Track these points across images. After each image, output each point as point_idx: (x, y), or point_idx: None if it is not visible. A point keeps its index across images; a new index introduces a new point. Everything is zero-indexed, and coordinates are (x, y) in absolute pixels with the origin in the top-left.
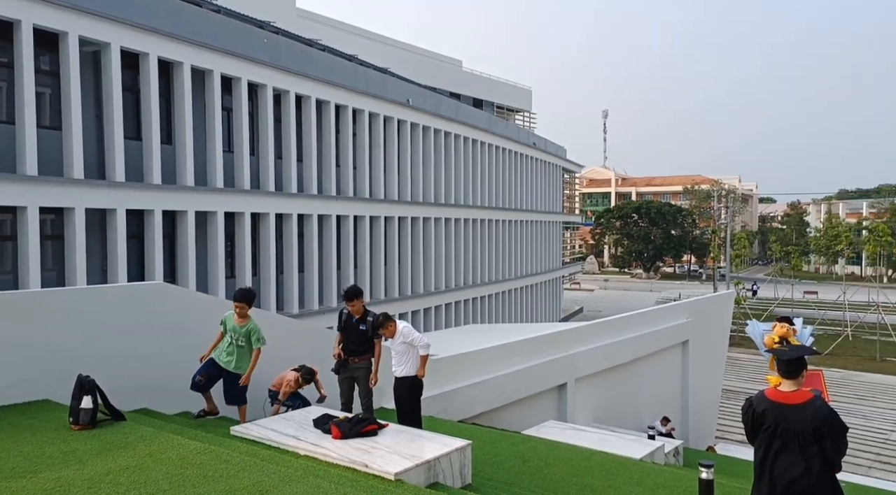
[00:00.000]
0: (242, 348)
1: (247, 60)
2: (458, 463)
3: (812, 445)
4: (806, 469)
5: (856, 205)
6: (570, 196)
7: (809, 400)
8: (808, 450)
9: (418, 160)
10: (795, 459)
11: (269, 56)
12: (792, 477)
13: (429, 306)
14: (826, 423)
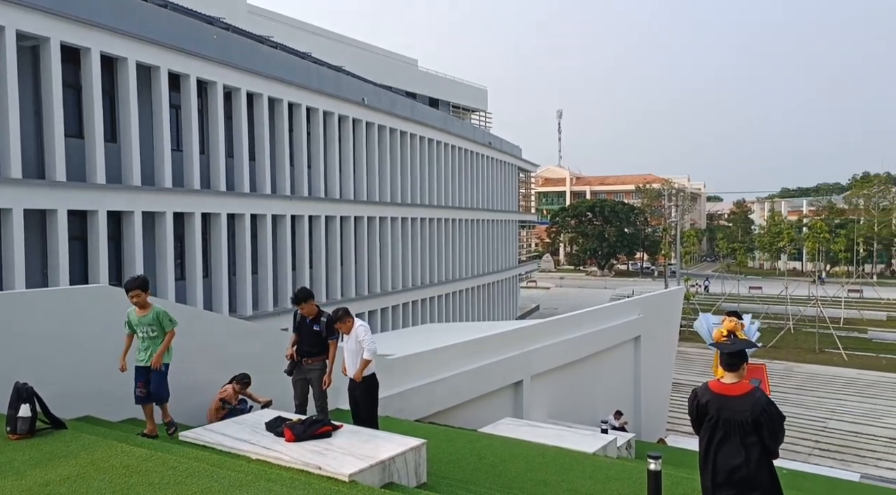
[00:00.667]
0: (157, 339)
1: (195, 57)
2: (414, 463)
3: (752, 435)
4: (746, 458)
5: (797, 203)
6: (526, 195)
7: (749, 391)
8: (748, 440)
9: (374, 159)
10: (736, 449)
11: (218, 52)
12: (733, 466)
13: (386, 306)
14: (764, 413)
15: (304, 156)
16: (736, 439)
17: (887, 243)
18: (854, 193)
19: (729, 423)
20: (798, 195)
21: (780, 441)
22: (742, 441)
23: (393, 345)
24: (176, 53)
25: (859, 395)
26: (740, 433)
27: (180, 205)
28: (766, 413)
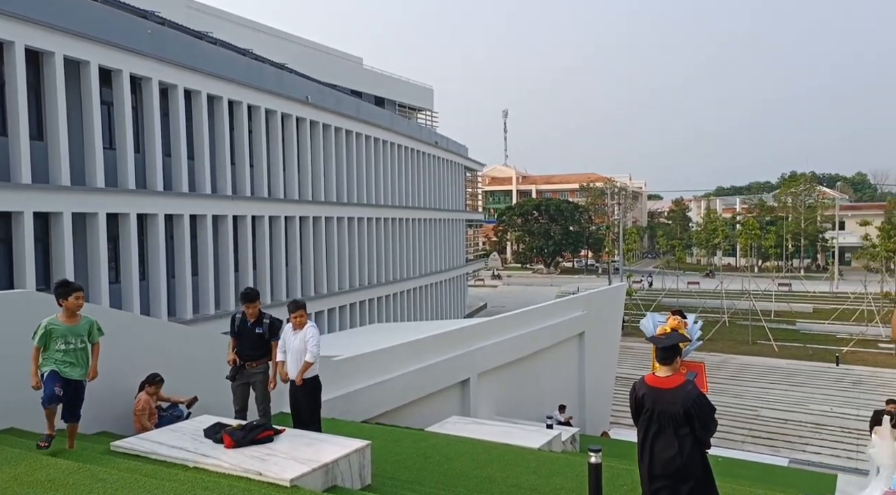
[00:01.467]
0: (85, 350)
1: (128, 52)
2: (358, 465)
3: (684, 426)
4: (679, 449)
5: (731, 201)
6: (473, 194)
7: (681, 384)
8: (681, 432)
9: (319, 158)
10: (670, 441)
11: (153, 48)
12: (667, 458)
13: (332, 307)
14: (695, 405)
15: (246, 155)
16: (669, 431)
17: (813, 239)
18: (782, 192)
19: (663, 416)
20: (732, 193)
21: (712, 432)
22: (675, 433)
23: (339, 345)
24: (107, 48)
25: (788, 384)
26: (673, 425)
27: (114, 206)
28: (697, 404)
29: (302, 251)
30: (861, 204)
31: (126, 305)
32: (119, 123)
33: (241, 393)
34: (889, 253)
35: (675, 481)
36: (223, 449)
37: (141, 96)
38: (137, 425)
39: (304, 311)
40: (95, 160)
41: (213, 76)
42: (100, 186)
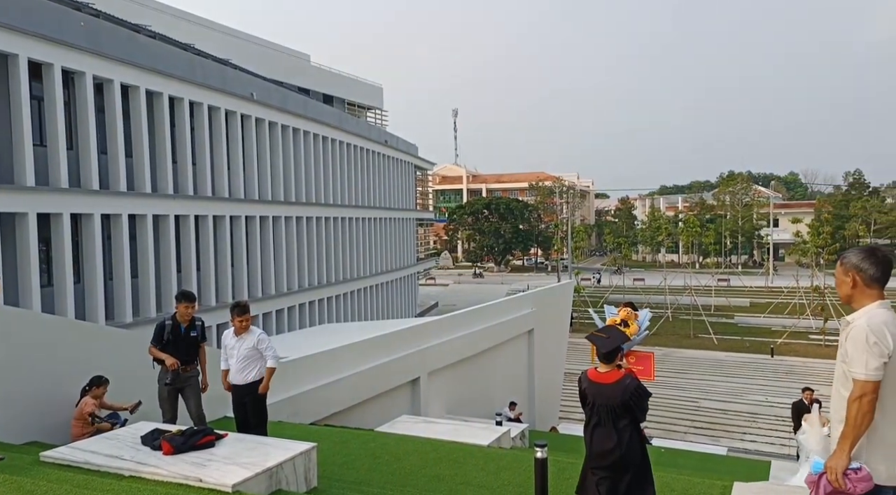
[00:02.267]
0: None
1: (60, 45)
2: (304, 468)
3: (623, 418)
4: (618, 441)
5: (673, 199)
6: (424, 193)
7: (620, 378)
8: (620, 424)
9: (265, 157)
10: (609, 433)
11: (87, 41)
12: (607, 449)
13: (281, 308)
14: (633, 396)
15: (189, 153)
16: (609, 424)
17: (749, 236)
18: (721, 191)
19: (602, 409)
20: (675, 192)
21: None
22: (615, 426)
23: (287, 347)
24: (37, 40)
25: (727, 376)
26: (612, 418)
27: (45, 206)
28: (635, 395)
29: (248, 251)
30: (793, 202)
31: (59, 309)
32: (50, 119)
33: (174, 400)
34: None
35: (614, 472)
36: (161, 456)
37: (74, 91)
38: (77, 431)
39: (249, 315)
40: (25, 157)
41: (151, 71)
42: (30, 185)
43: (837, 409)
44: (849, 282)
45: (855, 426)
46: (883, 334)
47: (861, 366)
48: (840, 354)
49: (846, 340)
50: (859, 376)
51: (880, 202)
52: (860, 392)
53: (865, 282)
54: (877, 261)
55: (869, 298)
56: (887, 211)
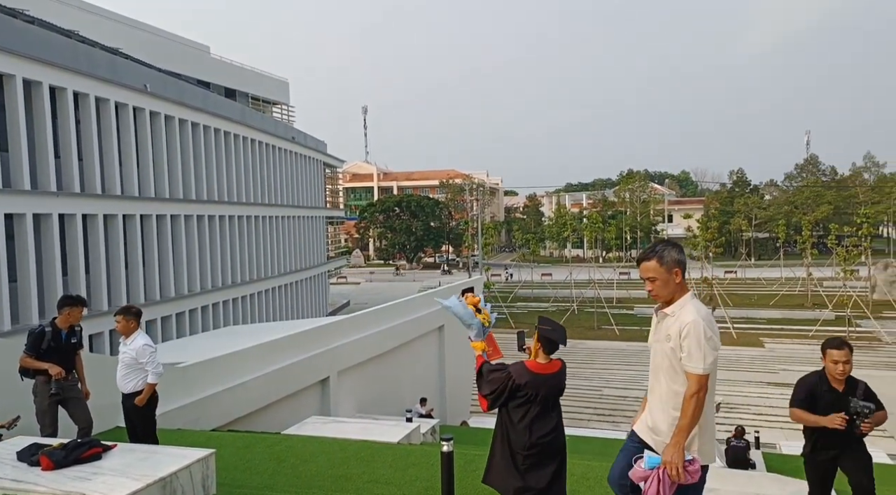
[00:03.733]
0: None
1: None
2: (201, 475)
3: (558, 404)
4: (556, 424)
5: (578, 196)
6: (334, 191)
7: (561, 367)
8: (557, 410)
9: (161, 152)
10: (549, 419)
11: None
12: (548, 433)
13: (182, 311)
14: (565, 379)
15: (73, 147)
16: (549, 411)
17: (647, 231)
18: (621, 188)
19: (547, 399)
20: (579, 189)
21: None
22: (553, 411)
23: (189, 351)
24: None
25: (626, 364)
26: (551, 404)
27: None
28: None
29: (144, 252)
30: (685, 199)
31: None
32: None
33: (55, 412)
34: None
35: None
36: (40, 471)
37: None
38: None
39: (128, 317)
40: None
41: (29, 58)
42: None
43: (664, 402)
44: (675, 279)
45: (693, 420)
46: (714, 328)
47: (700, 361)
48: (666, 349)
49: (683, 337)
50: (698, 371)
51: (760, 199)
52: (698, 387)
53: (684, 275)
54: (684, 254)
55: (684, 291)
56: (766, 207)
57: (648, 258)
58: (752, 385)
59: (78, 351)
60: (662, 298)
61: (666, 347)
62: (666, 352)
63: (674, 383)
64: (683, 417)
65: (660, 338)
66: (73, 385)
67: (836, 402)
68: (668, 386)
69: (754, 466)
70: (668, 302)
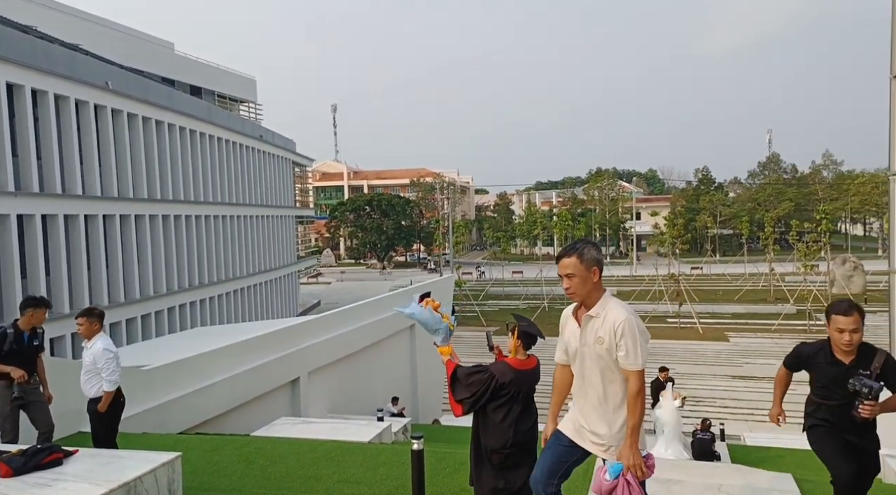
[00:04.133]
0: None
1: None
2: (166, 479)
3: (534, 400)
4: (536, 420)
5: (548, 195)
6: (303, 190)
7: (537, 363)
8: (534, 406)
9: (124, 151)
10: (530, 415)
11: None
12: (529, 429)
13: (147, 312)
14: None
15: (32, 146)
16: (529, 406)
17: (616, 228)
18: (590, 186)
19: (528, 395)
20: (549, 187)
21: None
22: (532, 407)
23: (156, 353)
24: None
25: None
26: (530, 399)
27: None
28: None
29: (108, 253)
30: (652, 197)
31: None
32: None
33: (16, 416)
34: (674, 239)
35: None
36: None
37: None
38: None
39: (90, 319)
40: None
41: None
42: None
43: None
44: (592, 277)
45: (642, 416)
46: (641, 322)
47: (638, 357)
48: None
49: (619, 336)
50: (637, 367)
51: (724, 196)
52: (640, 383)
53: (601, 275)
54: (602, 254)
55: (601, 290)
56: (730, 204)
57: (569, 255)
58: (717, 378)
59: (39, 354)
60: (579, 296)
61: (599, 349)
62: (600, 354)
63: (611, 384)
64: (633, 416)
65: (589, 342)
66: (35, 388)
67: (839, 377)
68: (605, 388)
69: (719, 458)
70: (584, 302)
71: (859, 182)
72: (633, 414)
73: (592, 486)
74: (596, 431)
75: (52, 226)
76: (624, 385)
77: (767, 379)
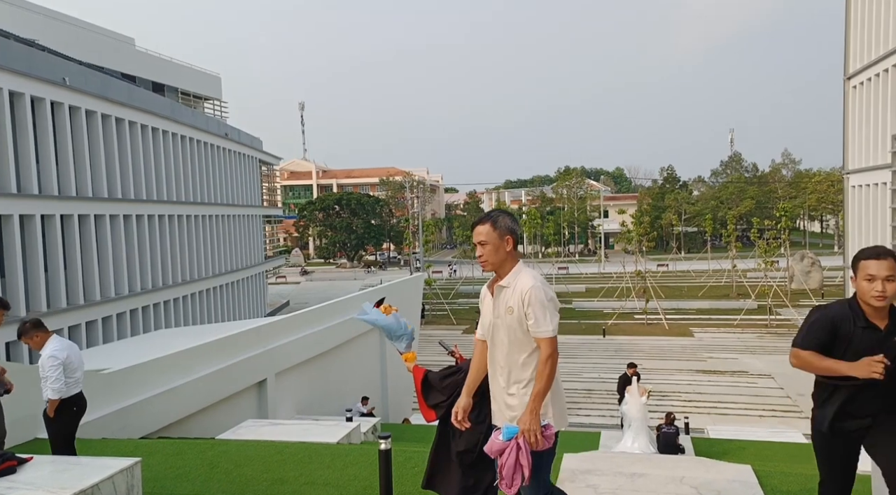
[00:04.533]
0: None
1: None
2: (125, 485)
3: None
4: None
5: (517, 193)
6: (271, 188)
7: None
8: None
9: (83, 149)
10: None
11: None
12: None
13: (109, 315)
14: None
15: None
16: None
17: (584, 226)
18: (559, 185)
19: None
20: (518, 186)
21: None
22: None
23: (117, 356)
24: None
25: (566, 357)
26: None
27: None
28: None
29: (66, 254)
30: (620, 195)
31: None
32: None
33: None
34: (640, 236)
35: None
36: None
37: None
38: None
39: (29, 334)
40: None
41: None
42: None
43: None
44: (506, 246)
45: (548, 383)
46: (551, 290)
47: (548, 324)
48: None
49: (527, 305)
50: (548, 334)
51: (689, 194)
52: (551, 349)
53: (516, 243)
54: (518, 224)
55: (515, 260)
56: (694, 202)
57: (483, 222)
58: (682, 373)
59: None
60: (491, 264)
61: (510, 320)
62: (510, 324)
63: (521, 354)
64: (539, 381)
65: (501, 313)
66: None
67: (873, 347)
68: (516, 359)
69: (683, 451)
70: (498, 272)
71: (816, 180)
72: (540, 380)
73: (486, 445)
74: (510, 403)
75: (7, 226)
76: (535, 355)
77: (730, 373)
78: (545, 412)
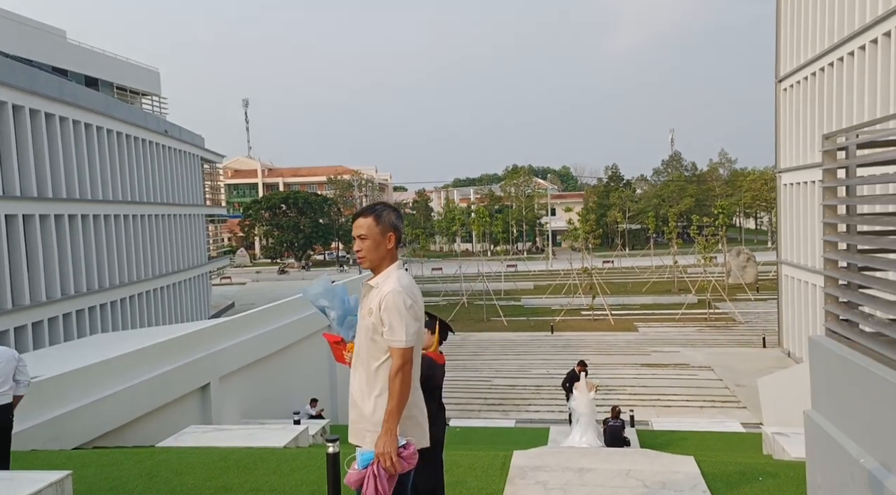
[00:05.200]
0: None
1: None
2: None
3: None
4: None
5: (466, 192)
6: (214, 187)
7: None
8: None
9: (9, 145)
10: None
11: None
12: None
13: (39, 319)
14: None
15: None
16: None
17: (532, 224)
18: (507, 183)
19: (438, 387)
20: (467, 184)
21: None
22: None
23: (48, 363)
24: None
25: (515, 354)
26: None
27: None
28: None
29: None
30: (566, 193)
31: None
32: None
33: None
34: (587, 234)
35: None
36: None
37: None
38: None
39: None
40: None
41: None
42: None
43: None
44: (387, 244)
45: (402, 399)
46: (416, 296)
47: (402, 333)
48: (369, 324)
49: (383, 309)
50: (401, 344)
51: (632, 192)
52: (402, 360)
53: (398, 241)
54: (402, 222)
55: (393, 259)
56: (637, 200)
57: (366, 215)
58: (627, 367)
59: None
60: (369, 261)
61: (368, 322)
62: (368, 326)
63: (376, 361)
64: (391, 399)
65: (363, 314)
66: None
67: None
68: (370, 365)
69: (629, 443)
70: (375, 271)
71: (751, 179)
72: (392, 397)
73: (346, 478)
74: (361, 413)
75: None
76: (389, 363)
77: (672, 365)
78: (402, 430)
